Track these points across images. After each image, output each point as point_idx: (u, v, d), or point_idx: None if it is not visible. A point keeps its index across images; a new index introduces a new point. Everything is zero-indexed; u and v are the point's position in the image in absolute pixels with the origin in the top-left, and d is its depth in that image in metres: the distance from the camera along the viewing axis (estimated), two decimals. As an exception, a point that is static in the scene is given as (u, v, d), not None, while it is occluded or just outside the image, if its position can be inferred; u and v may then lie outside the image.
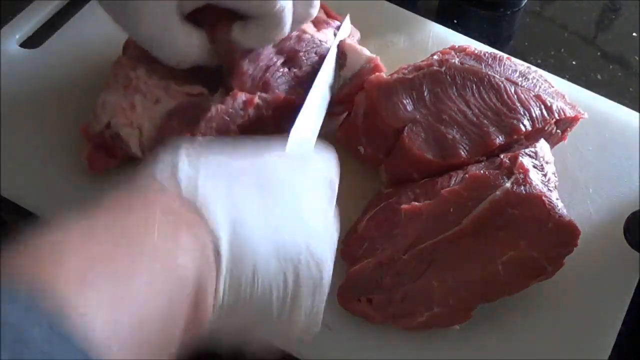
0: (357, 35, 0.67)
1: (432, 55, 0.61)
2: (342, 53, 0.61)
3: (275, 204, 0.41)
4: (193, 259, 0.35)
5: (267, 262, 0.39)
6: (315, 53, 0.61)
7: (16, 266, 0.29)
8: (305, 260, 0.40)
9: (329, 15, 0.66)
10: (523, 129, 0.57)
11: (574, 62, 0.76)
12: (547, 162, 0.55)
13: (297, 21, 0.55)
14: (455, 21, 0.78)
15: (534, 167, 0.53)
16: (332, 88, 0.60)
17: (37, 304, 0.27)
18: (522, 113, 0.58)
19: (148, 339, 0.32)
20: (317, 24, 0.63)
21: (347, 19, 0.66)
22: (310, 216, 0.42)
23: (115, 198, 0.36)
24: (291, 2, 0.52)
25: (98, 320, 0.29)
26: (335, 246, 0.44)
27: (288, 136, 0.48)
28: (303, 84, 0.59)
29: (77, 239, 0.32)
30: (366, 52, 0.62)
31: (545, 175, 0.54)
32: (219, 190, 0.39)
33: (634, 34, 0.80)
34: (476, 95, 0.58)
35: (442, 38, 0.71)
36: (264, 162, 0.43)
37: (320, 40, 0.62)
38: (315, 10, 0.56)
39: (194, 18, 0.53)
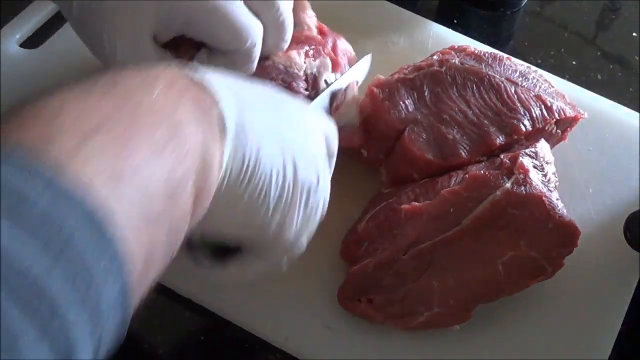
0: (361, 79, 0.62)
1: (432, 55, 0.61)
2: (341, 100, 0.58)
3: (282, 117, 0.42)
4: (197, 130, 0.33)
5: (270, 147, 0.38)
6: (282, 80, 0.56)
7: (12, 132, 0.27)
8: (304, 161, 0.41)
9: (321, 32, 0.60)
10: (523, 129, 0.57)
11: (574, 62, 0.76)
12: (547, 162, 0.55)
13: (266, 54, 0.54)
14: (455, 21, 0.78)
15: (534, 167, 0.53)
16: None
17: (35, 166, 0.25)
18: (522, 113, 0.58)
19: (156, 218, 0.30)
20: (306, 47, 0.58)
21: (368, 59, 0.62)
22: (313, 145, 0.43)
23: (116, 70, 0.34)
24: (261, 37, 0.51)
25: (100, 188, 0.26)
26: (328, 191, 0.45)
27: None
28: None
29: (75, 105, 0.29)
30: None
31: (545, 175, 0.54)
32: (229, 84, 0.38)
33: (634, 34, 0.80)
34: (476, 95, 0.58)
35: (442, 38, 0.71)
36: (275, 92, 0.44)
37: (283, 66, 0.56)
38: (286, 44, 0.55)
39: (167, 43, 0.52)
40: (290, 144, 0.40)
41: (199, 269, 0.45)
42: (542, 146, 0.56)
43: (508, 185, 0.52)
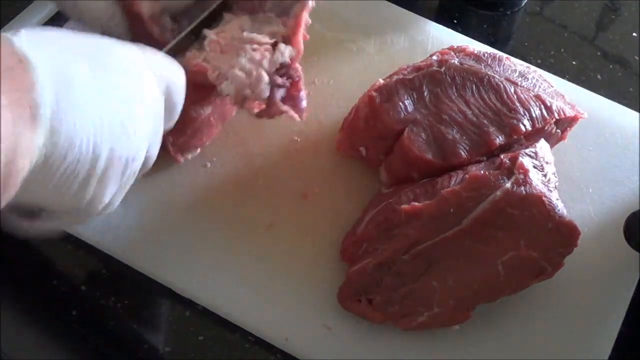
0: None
1: (432, 55, 0.61)
2: None
3: (108, 79, 0.40)
4: (8, 119, 0.33)
5: (87, 124, 0.38)
6: None
7: None
8: (124, 131, 0.40)
9: None
10: (523, 129, 0.57)
11: (574, 62, 0.76)
12: (547, 162, 0.55)
13: None
14: (455, 21, 0.78)
15: (534, 167, 0.53)
16: None
17: None
18: (522, 113, 0.58)
19: None
20: None
21: None
22: (139, 108, 0.42)
23: None
24: None
25: None
26: (156, 150, 0.44)
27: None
28: None
29: None
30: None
31: (545, 175, 0.54)
32: (51, 48, 0.37)
33: (634, 34, 0.80)
34: (476, 95, 0.58)
35: (442, 38, 0.71)
36: (104, 42, 0.42)
37: None
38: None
39: None
40: (111, 115, 0.40)
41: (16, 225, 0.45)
42: (542, 146, 0.56)
43: (508, 185, 0.52)
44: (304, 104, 0.56)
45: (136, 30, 0.55)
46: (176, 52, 0.54)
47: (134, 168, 0.43)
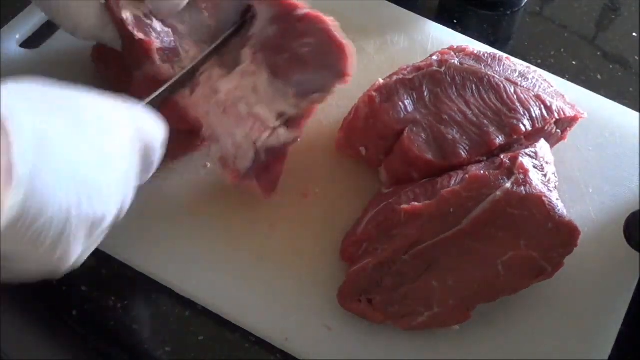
0: None
1: (432, 55, 0.61)
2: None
3: (84, 139, 0.40)
4: None
5: (60, 185, 0.38)
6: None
7: None
8: (96, 194, 0.40)
9: None
10: (523, 128, 0.57)
11: (574, 62, 0.76)
12: (547, 162, 0.55)
13: None
14: (455, 21, 0.78)
15: (534, 167, 0.53)
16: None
17: None
18: (522, 113, 0.58)
19: None
20: None
21: None
22: (114, 168, 0.42)
23: None
24: None
25: None
26: (127, 205, 0.44)
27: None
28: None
29: None
30: None
31: (545, 175, 0.54)
32: (30, 111, 0.37)
33: (634, 34, 0.80)
34: (476, 95, 0.58)
35: (442, 38, 0.71)
36: (84, 98, 0.42)
37: None
38: None
39: None
40: (86, 175, 0.39)
41: None
42: (542, 146, 0.56)
43: (508, 185, 0.52)
44: (277, 182, 0.57)
45: (125, 37, 0.55)
46: (172, 90, 0.54)
47: (103, 227, 0.43)
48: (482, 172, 0.53)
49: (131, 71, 0.56)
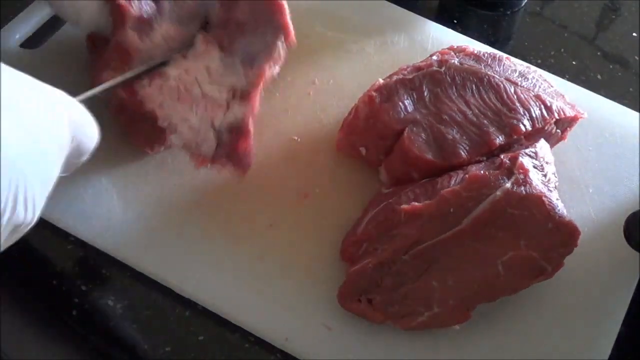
0: None
1: (432, 55, 0.61)
2: None
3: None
4: None
5: None
6: None
7: None
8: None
9: None
10: (523, 128, 0.57)
11: (574, 62, 0.76)
12: (547, 162, 0.55)
13: None
14: (455, 21, 0.78)
15: (534, 167, 0.53)
16: None
17: None
18: (522, 113, 0.58)
19: None
20: None
21: None
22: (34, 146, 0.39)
23: None
24: None
25: None
26: (48, 190, 0.41)
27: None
28: None
29: None
30: None
31: (545, 175, 0.54)
32: None
33: (634, 34, 0.80)
34: (476, 95, 0.58)
35: (442, 38, 0.71)
36: (26, 83, 0.42)
37: None
38: None
39: None
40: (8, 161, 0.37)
41: None
42: (542, 146, 0.56)
43: (508, 185, 0.52)
44: (249, 160, 0.56)
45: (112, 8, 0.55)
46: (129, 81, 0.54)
47: (8, 227, 0.39)
48: (482, 172, 0.53)
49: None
